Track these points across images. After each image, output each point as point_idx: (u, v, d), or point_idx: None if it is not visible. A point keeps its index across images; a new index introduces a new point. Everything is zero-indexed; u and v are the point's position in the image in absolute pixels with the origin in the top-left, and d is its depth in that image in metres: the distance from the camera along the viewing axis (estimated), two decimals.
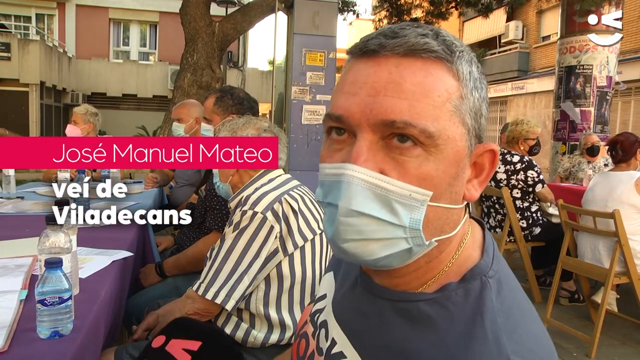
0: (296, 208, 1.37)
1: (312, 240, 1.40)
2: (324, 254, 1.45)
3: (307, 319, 0.73)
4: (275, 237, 1.33)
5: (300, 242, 1.37)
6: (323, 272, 1.43)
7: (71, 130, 3.58)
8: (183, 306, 1.39)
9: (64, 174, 2.66)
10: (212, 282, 1.34)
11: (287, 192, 1.40)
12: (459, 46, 0.52)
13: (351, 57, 0.55)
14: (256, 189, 1.42)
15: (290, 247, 1.36)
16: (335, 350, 0.61)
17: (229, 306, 1.33)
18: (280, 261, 1.36)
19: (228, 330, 1.38)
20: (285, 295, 1.38)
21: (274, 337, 1.37)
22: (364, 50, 0.52)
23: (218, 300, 1.33)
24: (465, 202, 0.56)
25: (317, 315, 0.70)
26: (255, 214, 1.33)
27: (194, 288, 1.37)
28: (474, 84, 0.52)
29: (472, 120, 0.52)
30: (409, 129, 0.49)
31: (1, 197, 2.65)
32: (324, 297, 0.71)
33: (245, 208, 1.35)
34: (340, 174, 0.50)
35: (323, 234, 1.45)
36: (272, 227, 1.33)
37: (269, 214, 1.33)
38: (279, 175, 1.52)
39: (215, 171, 1.59)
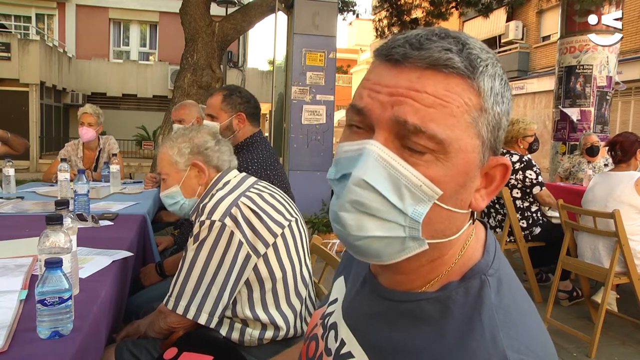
0: (255, 208, 1.34)
1: (283, 234, 1.38)
2: (298, 243, 1.43)
3: (318, 322, 0.75)
4: (240, 243, 1.30)
5: (270, 239, 1.34)
6: (302, 261, 1.42)
7: (86, 133, 3.45)
8: (157, 321, 1.37)
9: (63, 174, 2.66)
10: (180, 296, 1.31)
11: (243, 194, 1.38)
12: (484, 60, 0.52)
13: (376, 58, 0.55)
14: (212, 196, 1.40)
15: (261, 248, 1.33)
16: (344, 350, 0.63)
17: (202, 320, 1.29)
18: (256, 263, 1.33)
19: (223, 332, 1.36)
20: (270, 294, 1.36)
21: (269, 334, 1.36)
22: (387, 58, 0.53)
23: (190, 316, 1.29)
24: (470, 209, 0.56)
25: (328, 318, 0.72)
26: (213, 222, 1.29)
27: (164, 302, 1.34)
28: (494, 98, 0.53)
29: (489, 133, 0.53)
30: (419, 134, 0.50)
31: (1, 197, 2.65)
32: (335, 301, 0.73)
33: (202, 218, 1.32)
34: (362, 148, 0.52)
35: (292, 223, 1.43)
36: (232, 233, 1.29)
37: (227, 220, 1.30)
38: (235, 177, 1.50)
39: (170, 192, 1.52)
